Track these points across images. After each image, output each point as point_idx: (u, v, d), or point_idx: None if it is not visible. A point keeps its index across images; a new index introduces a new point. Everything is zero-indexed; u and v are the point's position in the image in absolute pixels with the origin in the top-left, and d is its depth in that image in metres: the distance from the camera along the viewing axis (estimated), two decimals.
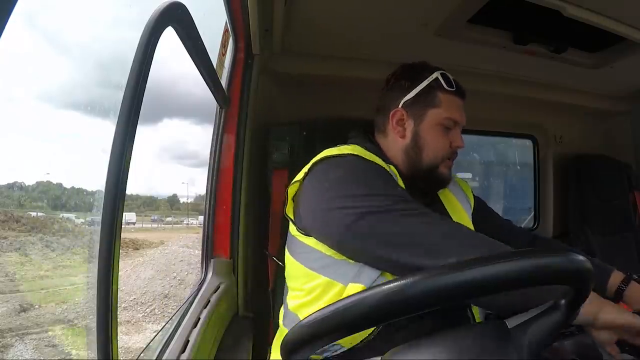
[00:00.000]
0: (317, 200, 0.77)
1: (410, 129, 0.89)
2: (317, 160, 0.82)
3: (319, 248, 0.78)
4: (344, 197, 0.73)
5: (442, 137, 0.89)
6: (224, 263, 1.16)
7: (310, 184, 0.80)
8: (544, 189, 1.91)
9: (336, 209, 0.73)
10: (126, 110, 0.52)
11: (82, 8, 27.95)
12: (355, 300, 0.44)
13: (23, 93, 24.00)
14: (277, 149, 1.27)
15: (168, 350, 0.74)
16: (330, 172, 0.79)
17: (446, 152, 0.89)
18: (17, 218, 7.96)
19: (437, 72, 0.88)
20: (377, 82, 0.96)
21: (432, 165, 0.89)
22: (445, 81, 0.88)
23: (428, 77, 0.88)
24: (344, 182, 0.76)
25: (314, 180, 0.80)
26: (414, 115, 0.88)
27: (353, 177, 0.77)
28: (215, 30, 1.08)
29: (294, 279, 0.84)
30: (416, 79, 0.88)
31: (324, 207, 0.75)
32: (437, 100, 0.87)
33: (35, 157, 18.67)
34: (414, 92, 0.88)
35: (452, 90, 0.88)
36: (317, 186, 0.79)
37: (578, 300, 0.48)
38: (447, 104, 0.88)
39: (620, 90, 1.73)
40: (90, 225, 7.70)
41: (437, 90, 0.88)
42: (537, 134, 1.89)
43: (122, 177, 0.51)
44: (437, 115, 0.87)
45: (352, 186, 0.75)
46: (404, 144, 0.90)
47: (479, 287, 0.42)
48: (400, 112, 0.89)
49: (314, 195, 0.78)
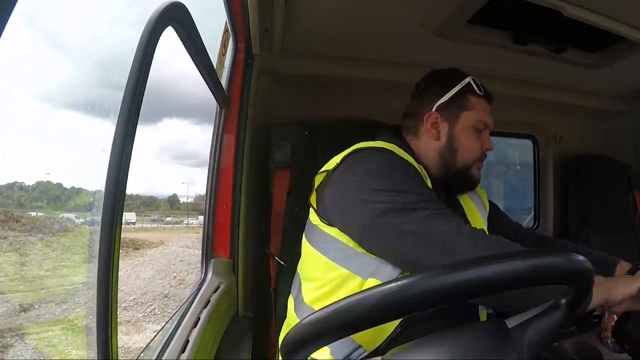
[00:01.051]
0: (345, 191, 0.78)
1: (444, 131, 0.92)
2: (350, 151, 0.82)
3: (342, 239, 0.79)
4: (372, 190, 0.74)
5: (475, 139, 0.92)
6: (224, 263, 1.16)
7: (340, 175, 0.81)
8: (544, 189, 1.91)
9: (362, 201, 0.74)
10: (126, 110, 0.52)
11: (82, 8, 27.97)
12: (355, 300, 0.44)
13: (23, 93, 23.99)
14: (278, 149, 1.27)
15: (168, 350, 0.74)
16: (361, 163, 0.80)
17: (478, 154, 0.93)
18: (17, 218, 7.96)
19: (469, 77, 0.93)
20: (377, 82, 0.97)
21: (465, 167, 0.92)
22: (477, 86, 0.92)
23: (461, 81, 0.92)
24: (374, 175, 0.77)
25: (344, 170, 0.80)
26: (448, 117, 0.91)
27: (383, 171, 0.78)
28: (215, 30, 1.08)
29: (312, 269, 0.85)
30: (450, 84, 0.92)
31: (351, 197, 0.76)
32: (469, 103, 0.91)
33: (35, 157, 18.66)
34: (448, 96, 0.91)
35: (482, 95, 0.93)
36: (346, 177, 0.79)
37: (578, 300, 0.48)
38: (478, 107, 0.92)
39: (620, 90, 1.73)
40: (90, 225, 7.70)
41: (469, 94, 0.91)
42: (537, 134, 1.89)
43: (122, 177, 0.51)
44: (470, 118, 0.91)
45: (382, 180, 0.76)
46: (438, 145, 0.92)
47: (479, 287, 0.42)
48: (434, 114, 0.92)
49: (342, 186, 0.79)
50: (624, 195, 1.91)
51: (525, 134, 1.91)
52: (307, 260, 0.88)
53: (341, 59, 1.39)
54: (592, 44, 1.35)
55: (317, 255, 0.83)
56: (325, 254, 0.81)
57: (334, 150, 0.86)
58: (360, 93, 1.49)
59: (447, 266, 0.44)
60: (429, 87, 0.95)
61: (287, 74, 1.38)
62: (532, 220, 1.96)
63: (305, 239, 0.89)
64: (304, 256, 0.89)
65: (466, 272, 0.42)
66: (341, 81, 1.45)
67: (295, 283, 0.93)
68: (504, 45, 1.31)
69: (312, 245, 0.85)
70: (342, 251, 0.79)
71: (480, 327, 0.53)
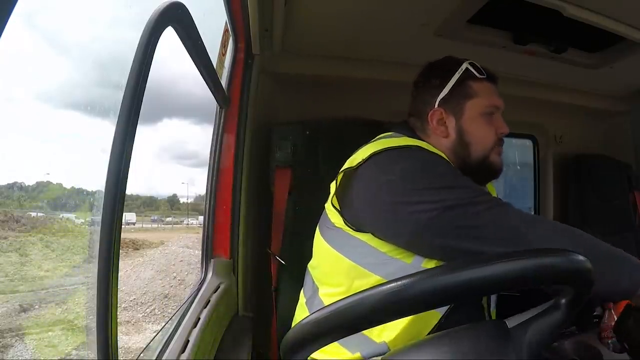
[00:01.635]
0: (382, 195, 0.73)
1: (452, 126, 0.86)
2: (377, 150, 0.76)
3: (373, 244, 0.75)
4: (419, 191, 0.70)
5: (486, 126, 0.86)
6: (224, 263, 1.15)
7: (370, 176, 0.75)
8: (544, 189, 1.91)
9: (410, 204, 0.69)
10: (126, 110, 0.52)
11: (82, 8, 27.95)
12: (355, 300, 0.44)
13: (23, 93, 23.98)
14: (279, 148, 1.27)
15: (168, 350, 0.74)
16: (396, 164, 0.74)
17: (493, 141, 0.87)
18: (17, 218, 7.96)
19: (466, 63, 0.87)
20: (377, 82, 0.96)
21: (482, 157, 0.87)
22: (476, 70, 0.86)
23: (458, 69, 0.86)
24: (416, 175, 0.72)
25: (375, 171, 0.75)
26: (453, 111, 0.86)
27: (425, 170, 0.73)
28: (215, 30, 1.08)
29: (334, 273, 0.80)
30: (447, 75, 0.87)
31: (392, 201, 0.71)
32: (472, 90, 0.86)
33: (35, 157, 18.67)
34: (447, 88, 0.86)
35: (484, 77, 0.87)
36: (380, 179, 0.74)
37: (578, 300, 0.48)
38: (483, 92, 0.86)
39: (620, 90, 1.73)
40: (90, 225, 7.70)
41: (470, 81, 0.86)
42: (537, 134, 1.89)
43: (122, 177, 0.51)
44: (476, 106, 0.86)
45: (426, 179, 0.71)
46: (449, 142, 0.87)
47: (479, 286, 0.43)
48: (438, 111, 0.86)
49: (376, 189, 0.74)
50: (624, 195, 1.90)
51: (525, 134, 1.91)
52: (326, 263, 0.83)
53: (341, 59, 1.39)
54: (592, 44, 1.35)
55: (340, 259, 0.78)
56: (353, 259, 0.77)
57: (335, 149, 0.86)
58: (360, 93, 1.49)
59: (447, 266, 0.44)
60: (427, 83, 0.90)
61: (287, 74, 1.39)
62: None
63: (323, 239, 0.83)
64: (322, 258, 0.84)
65: (466, 272, 0.42)
66: (341, 81, 1.45)
67: (308, 284, 0.89)
68: (504, 45, 1.31)
69: (335, 248, 0.80)
70: (374, 257, 0.74)
71: (480, 327, 0.53)
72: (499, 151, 0.89)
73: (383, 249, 0.74)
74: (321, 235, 0.84)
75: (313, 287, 0.86)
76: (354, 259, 0.77)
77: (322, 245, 0.83)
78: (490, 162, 0.88)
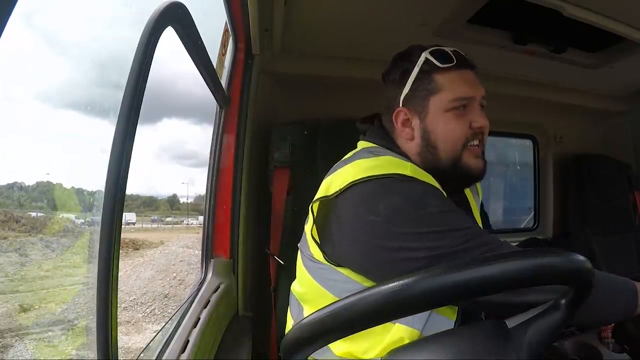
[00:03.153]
0: (366, 236, 0.65)
1: (417, 128, 0.76)
2: (356, 180, 0.66)
3: (355, 279, 0.69)
4: (405, 235, 0.62)
5: (454, 122, 0.74)
6: (224, 263, 1.16)
7: (351, 211, 0.67)
8: (544, 189, 1.91)
9: (397, 250, 0.62)
10: (126, 110, 0.52)
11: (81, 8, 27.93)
12: (355, 300, 0.44)
13: (22, 92, 23.99)
14: (278, 148, 1.27)
15: (168, 350, 0.74)
16: (379, 201, 0.65)
17: (463, 138, 0.75)
18: (17, 218, 7.96)
19: (426, 52, 0.74)
20: (377, 82, 0.96)
21: (452, 160, 0.75)
22: (439, 58, 0.74)
23: (416, 61, 0.74)
24: (401, 216, 0.64)
25: (356, 207, 0.67)
26: (416, 110, 0.75)
27: (411, 210, 0.64)
28: (215, 30, 1.08)
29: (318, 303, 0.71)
30: (407, 69, 0.76)
31: (378, 245, 0.64)
32: (435, 84, 0.74)
33: (35, 157, 18.66)
34: (409, 84, 0.75)
35: (450, 66, 0.74)
36: (362, 217, 0.66)
37: (578, 300, 0.48)
38: (449, 84, 0.74)
39: (620, 90, 1.73)
40: (90, 225, 7.70)
41: (433, 73, 0.74)
42: (537, 134, 1.89)
43: (122, 177, 0.51)
44: (440, 101, 0.74)
45: (413, 221, 0.63)
46: (415, 146, 0.77)
47: (479, 286, 0.42)
48: (402, 111, 0.77)
49: (358, 229, 0.66)
50: (624, 195, 1.91)
51: (525, 134, 1.91)
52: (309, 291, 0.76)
53: (341, 59, 1.39)
54: (592, 44, 1.35)
55: (323, 292, 0.72)
56: (336, 294, 0.70)
57: (333, 149, 0.85)
58: (360, 93, 1.49)
59: (447, 266, 0.44)
60: (390, 77, 0.79)
61: (287, 74, 1.39)
62: (532, 220, 1.96)
63: (305, 269, 0.76)
64: (306, 286, 0.76)
65: (466, 272, 0.42)
66: (341, 81, 1.45)
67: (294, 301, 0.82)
68: (503, 45, 1.31)
69: (317, 281, 0.73)
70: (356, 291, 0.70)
71: (480, 327, 0.53)
72: (474, 151, 0.76)
73: (366, 284, 0.68)
74: (303, 264, 0.77)
75: (299, 307, 0.79)
76: (336, 294, 0.70)
77: (304, 274, 0.76)
78: (464, 165, 0.75)
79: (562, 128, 1.88)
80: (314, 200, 0.72)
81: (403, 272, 0.58)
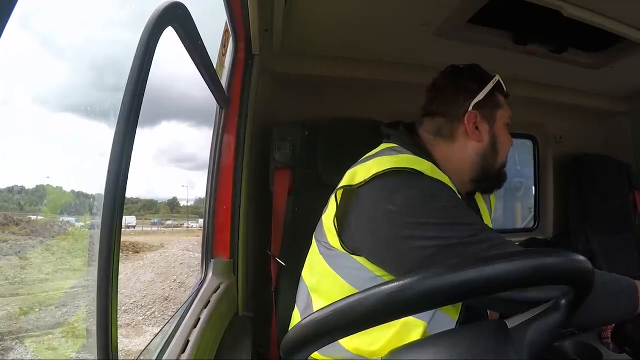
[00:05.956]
0: (382, 225, 0.71)
1: (485, 131, 0.87)
2: (379, 172, 0.72)
3: (369, 267, 0.74)
4: (419, 225, 0.68)
5: (507, 136, 0.90)
6: (224, 263, 1.15)
7: (370, 201, 0.73)
8: (544, 189, 1.91)
9: (410, 238, 0.68)
10: (126, 112, 0.52)
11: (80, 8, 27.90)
12: (355, 300, 0.44)
13: (21, 95, 23.95)
14: (279, 148, 1.27)
15: (168, 350, 0.74)
16: (397, 192, 0.71)
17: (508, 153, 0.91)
18: (17, 221, 7.96)
19: (497, 75, 0.90)
20: (377, 82, 0.96)
21: (501, 166, 0.90)
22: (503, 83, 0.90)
23: (492, 79, 0.88)
24: (417, 207, 0.70)
25: (377, 196, 0.72)
26: (486, 117, 0.87)
27: (426, 201, 0.71)
28: (215, 30, 1.08)
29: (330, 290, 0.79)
30: (483, 81, 0.88)
31: (392, 233, 0.70)
32: (500, 101, 0.89)
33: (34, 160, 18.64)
34: (483, 93, 0.86)
35: (505, 92, 0.90)
36: (380, 207, 0.71)
37: (578, 300, 0.48)
38: (505, 105, 0.90)
39: (620, 90, 1.74)
40: (90, 228, 7.69)
41: (498, 92, 0.89)
42: (537, 134, 1.89)
43: (121, 180, 0.51)
44: (503, 116, 0.89)
45: (427, 212, 0.69)
46: (480, 147, 0.87)
47: (480, 286, 0.42)
48: (473, 114, 0.86)
49: (375, 218, 0.72)
50: (624, 195, 1.91)
51: (525, 134, 1.91)
52: (323, 279, 0.81)
53: (341, 59, 1.39)
54: (592, 44, 1.35)
55: (337, 278, 0.77)
56: (349, 281, 0.75)
57: (334, 149, 0.85)
58: (360, 93, 1.49)
59: (448, 266, 0.43)
60: (461, 85, 0.88)
61: (287, 74, 1.39)
62: (532, 220, 1.96)
63: (320, 256, 0.81)
64: (319, 273, 0.81)
65: (466, 271, 0.42)
66: (341, 81, 1.45)
67: (302, 293, 0.87)
68: (504, 45, 1.31)
69: (333, 268, 0.78)
70: (369, 280, 0.73)
71: (480, 327, 0.53)
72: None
73: (378, 273, 0.74)
74: (319, 251, 0.82)
75: (307, 298, 0.84)
76: (349, 280, 0.76)
77: (319, 261, 0.82)
78: (504, 172, 0.91)
79: (562, 128, 1.88)
80: (338, 187, 0.78)
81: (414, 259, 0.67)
